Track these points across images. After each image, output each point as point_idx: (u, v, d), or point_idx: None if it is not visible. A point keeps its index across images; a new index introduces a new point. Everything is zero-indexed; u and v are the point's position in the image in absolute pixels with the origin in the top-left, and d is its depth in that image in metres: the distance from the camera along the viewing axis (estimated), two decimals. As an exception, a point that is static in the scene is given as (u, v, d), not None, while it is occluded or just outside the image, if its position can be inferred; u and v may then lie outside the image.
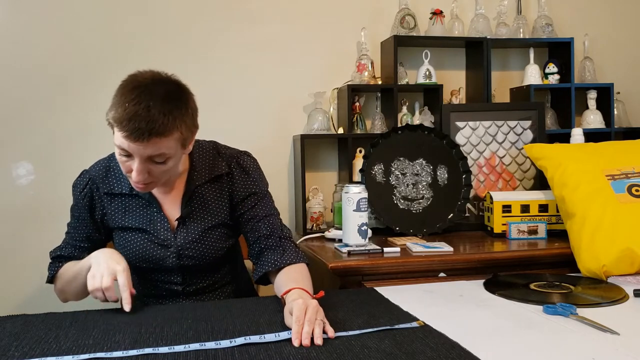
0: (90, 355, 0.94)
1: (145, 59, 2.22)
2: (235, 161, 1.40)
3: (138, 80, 1.20)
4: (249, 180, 1.39)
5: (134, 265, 1.36)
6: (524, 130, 2.21)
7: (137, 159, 1.19)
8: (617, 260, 1.49)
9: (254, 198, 1.38)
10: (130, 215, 1.36)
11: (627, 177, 1.66)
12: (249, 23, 2.30)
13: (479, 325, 1.08)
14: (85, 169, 1.43)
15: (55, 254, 1.41)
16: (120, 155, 1.21)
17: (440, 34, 2.36)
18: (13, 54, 2.12)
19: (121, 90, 1.19)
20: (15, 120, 2.12)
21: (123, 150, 1.19)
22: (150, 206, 1.36)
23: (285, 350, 0.95)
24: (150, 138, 1.15)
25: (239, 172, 1.39)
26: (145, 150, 1.17)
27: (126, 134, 1.15)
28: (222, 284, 1.45)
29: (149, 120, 1.14)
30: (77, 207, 1.40)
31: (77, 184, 1.41)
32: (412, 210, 2.06)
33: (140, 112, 1.14)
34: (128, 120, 1.14)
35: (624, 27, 2.67)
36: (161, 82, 1.21)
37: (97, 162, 1.43)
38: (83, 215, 1.39)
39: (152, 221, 1.35)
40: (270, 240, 1.34)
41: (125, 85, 1.20)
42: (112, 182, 1.38)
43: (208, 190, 1.37)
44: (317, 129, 2.24)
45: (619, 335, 1.01)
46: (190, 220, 1.36)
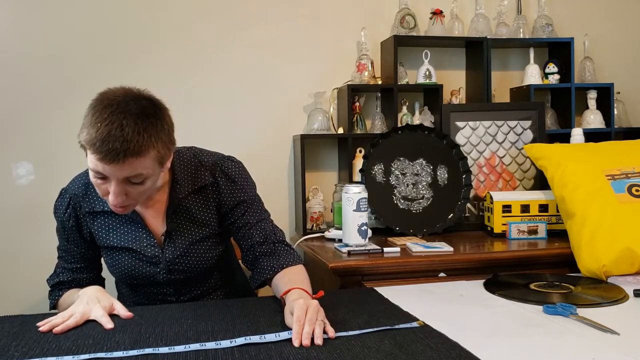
0: (91, 356, 0.94)
1: (145, 60, 2.22)
2: (219, 169, 1.34)
3: (109, 97, 1.13)
4: (236, 188, 1.34)
5: (126, 281, 1.37)
6: (524, 130, 2.21)
7: (113, 182, 1.13)
8: (617, 260, 1.49)
9: (244, 206, 1.34)
10: (115, 233, 1.32)
11: (627, 177, 1.66)
12: (250, 23, 2.30)
13: (479, 325, 1.08)
14: (64, 187, 1.37)
15: (54, 281, 1.38)
16: (95, 178, 1.15)
17: (440, 34, 2.36)
18: (13, 53, 2.12)
19: (92, 110, 1.13)
20: (15, 120, 2.12)
21: (98, 173, 1.13)
22: (134, 222, 1.31)
23: (285, 350, 0.95)
24: (126, 159, 1.09)
25: (225, 180, 1.34)
26: (121, 172, 1.11)
27: (100, 156, 1.09)
28: (215, 288, 1.44)
29: (123, 140, 1.07)
30: (64, 230, 1.35)
31: (59, 206, 1.35)
32: (412, 210, 2.06)
33: (114, 132, 1.08)
34: (102, 142, 1.08)
35: (624, 27, 2.67)
36: (134, 99, 1.14)
37: (74, 178, 1.37)
38: (72, 237, 1.35)
39: (137, 238, 1.31)
40: (264, 246, 1.31)
41: (95, 104, 1.13)
42: (92, 200, 1.32)
43: (192, 201, 1.32)
44: (317, 129, 2.24)
45: (619, 335, 1.01)
46: (177, 234, 1.32)
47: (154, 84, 2.26)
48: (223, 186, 1.33)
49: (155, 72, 2.22)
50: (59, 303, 1.36)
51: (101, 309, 1.14)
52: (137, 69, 2.21)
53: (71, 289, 1.36)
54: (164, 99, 2.41)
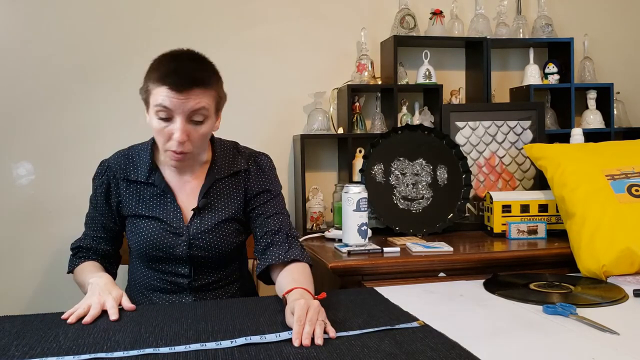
0: (91, 356, 0.94)
1: (145, 60, 2.21)
2: (254, 160, 1.44)
3: (170, 51, 1.30)
4: (264, 177, 1.43)
5: (144, 253, 1.37)
6: (523, 130, 2.21)
7: (178, 118, 1.23)
8: (617, 260, 1.49)
9: (267, 195, 1.41)
10: (144, 203, 1.38)
11: (627, 177, 1.66)
12: (250, 23, 2.30)
13: (479, 325, 1.09)
14: (105, 158, 1.45)
15: (75, 245, 1.44)
16: (159, 120, 1.24)
17: (440, 34, 2.36)
18: (13, 53, 2.12)
19: (156, 60, 1.28)
20: (16, 120, 2.12)
21: (164, 109, 1.22)
22: (165, 195, 1.38)
23: (285, 350, 0.95)
24: (192, 88, 1.21)
25: (256, 169, 1.43)
26: (187, 104, 1.22)
27: (169, 86, 1.20)
28: (227, 282, 1.45)
29: (191, 70, 1.23)
30: (95, 196, 1.42)
31: (97, 174, 1.44)
32: (412, 210, 2.06)
33: (181, 66, 1.23)
34: (171, 73, 1.21)
35: (624, 27, 2.67)
36: (191, 51, 1.32)
37: (115, 152, 1.46)
38: (100, 204, 1.41)
39: (165, 210, 1.37)
40: (277, 236, 1.36)
41: (158, 57, 1.29)
42: (129, 169, 1.40)
43: (226, 184, 1.41)
44: (317, 129, 2.24)
45: (618, 335, 1.01)
46: (205, 212, 1.38)
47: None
48: (253, 174, 1.42)
49: (155, 72, 2.22)
50: (75, 271, 1.41)
51: (112, 300, 1.18)
52: (137, 69, 2.19)
53: (87, 262, 1.40)
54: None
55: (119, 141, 2.19)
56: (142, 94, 1.30)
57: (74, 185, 2.16)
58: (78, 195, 2.16)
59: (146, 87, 1.28)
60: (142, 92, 1.30)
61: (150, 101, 1.26)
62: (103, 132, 2.19)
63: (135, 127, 2.20)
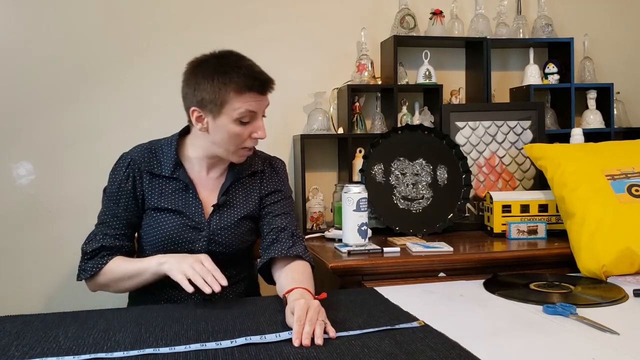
0: (91, 356, 0.94)
1: (145, 60, 2.22)
2: (269, 162, 1.50)
3: (215, 53, 1.36)
4: (277, 178, 1.48)
5: (161, 247, 1.37)
6: (523, 130, 2.21)
7: (259, 117, 1.32)
8: (617, 260, 1.49)
9: (278, 195, 1.46)
10: (167, 197, 1.39)
11: (627, 177, 1.66)
12: (249, 23, 2.30)
13: (479, 325, 1.09)
14: (124, 152, 1.44)
15: (93, 246, 1.37)
16: (241, 125, 1.30)
17: (440, 34, 2.36)
18: (13, 53, 2.12)
19: (219, 69, 1.29)
20: (16, 120, 2.12)
21: (249, 114, 1.29)
22: (187, 190, 1.39)
23: (285, 350, 0.95)
24: (272, 87, 1.32)
25: (270, 171, 1.49)
26: (265, 102, 1.33)
27: (257, 92, 1.28)
28: (236, 281, 1.46)
29: (261, 71, 1.31)
30: (119, 191, 1.39)
31: (118, 167, 1.41)
32: (412, 210, 2.06)
33: (253, 69, 1.29)
34: (253, 79, 1.28)
35: (624, 27, 2.67)
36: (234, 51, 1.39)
37: (136, 146, 1.45)
38: (124, 199, 1.39)
39: (187, 205, 1.39)
40: (282, 233, 1.39)
41: (217, 66, 1.30)
42: (153, 162, 1.40)
43: (244, 184, 1.45)
44: (317, 129, 2.24)
45: (618, 335, 1.01)
46: (225, 209, 1.41)
47: (154, 84, 2.28)
48: (267, 174, 1.48)
49: (155, 72, 2.22)
50: (105, 271, 1.35)
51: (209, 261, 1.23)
52: (137, 69, 2.21)
53: (118, 257, 1.36)
54: (165, 98, 2.42)
55: (119, 141, 2.19)
56: (208, 100, 1.28)
57: (74, 185, 2.17)
58: (78, 195, 2.17)
59: (220, 95, 1.27)
60: (210, 99, 1.28)
61: (226, 108, 1.28)
62: (103, 132, 2.19)
63: (135, 127, 2.21)
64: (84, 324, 1.12)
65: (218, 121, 1.30)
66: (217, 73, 1.28)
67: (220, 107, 1.28)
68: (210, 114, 1.30)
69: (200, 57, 1.35)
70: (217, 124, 1.31)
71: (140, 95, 2.21)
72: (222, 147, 1.35)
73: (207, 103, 1.29)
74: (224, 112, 1.29)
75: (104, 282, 1.36)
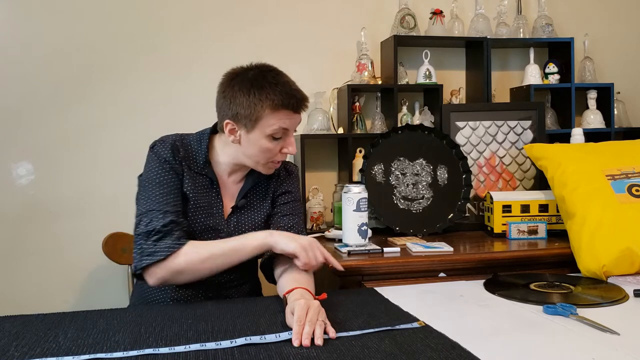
0: (91, 356, 0.94)
1: (145, 60, 2.22)
2: (284, 166, 1.51)
3: (252, 67, 1.34)
4: (290, 180, 1.50)
5: None
6: (524, 130, 2.21)
7: (291, 134, 1.34)
8: (617, 260, 1.49)
9: (288, 196, 1.48)
10: (194, 190, 1.37)
11: (627, 177, 1.66)
12: (250, 23, 2.30)
13: (479, 325, 1.08)
14: (160, 137, 1.39)
15: (163, 221, 1.26)
16: (272, 142, 1.31)
17: (440, 33, 2.36)
18: (13, 53, 2.12)
19: (250, 81, 1.28)
20: (16, 120, 2.12)
21: (281, 130, 1.30)
22: (212, 188, 1.40)
23: (285, 351, 0.95)
24: (306, 105, 1.33)
25: (285, 174, 1.51)
26: (297, 120, 1.34)
27: (292, 110, 1.29)
28: (242, 282, 1.47)
29: (296, 89, 1.32)
30: (168, 170, 1.33)
31: (162, 148, 1.35)
32: (412, 210, 2.06)
33: (289, 87, 1.30)
34: (290, 97, 1.28)
35: (624, 27, 2.67)
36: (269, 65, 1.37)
37: (166, 135, 1.40)
38: (174, 177, 1.33)
39: (210, 202, 1.39)
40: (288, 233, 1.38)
41: (248, 75, 1.30)
42: (188, 153, 1.38)
43: (261, 187, 1.47)
44: (317, 129, 2.24)
45: (619, 335, 1.01)
46: (242, 211, 1.43)
47: (154, 84, 2.28)
48: (282, 177, 1.50)
49: (155, 72, 2.22)
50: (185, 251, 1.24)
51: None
52: (137, 69, 2.21)
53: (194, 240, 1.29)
54: (165, 99, 2.42)
55: (119, 141, 2.20)
56: (243, 115, 1.28)
57: (74, 185, 2.17)
58: (78, 195, 2.17)
59: (256, 110, 1.27)
60: (245, 114, 1.28)
61: (261, 124, 1.29)
62: (103, 132, 2.19)
63: (135, 127, 2.21)
64: (83, 324, 1.12)
65: (251, 135, 1.31)
66: (254, 88, 1.27)
67: (255, 123, 1.29)
68: (244, 128, 1.31)
69: (238, 70, 1.33)
70: (250, 137, 1.31)
71: (141, 95, 2.21)
72: (251, 159, 1.36)
73: (241, 117, 1.29)
74: (257, 127, 1.29)
75: (182, 264, 1.24)
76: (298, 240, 1.25)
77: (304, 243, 1.24)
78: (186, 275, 1.26)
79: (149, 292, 1.41)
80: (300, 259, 1.24)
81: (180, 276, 1.26)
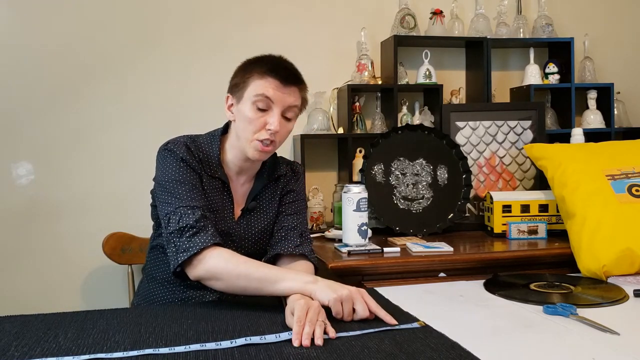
0: (91, 356, 0.94)
1: (145, 60, 2.22)
2: (291, 166, 1.51)
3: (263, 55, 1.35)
4: (295, 179, 1.50)
5: None
6: (524, 130, 2.21)
7: (276, 110, 1.28)
8: (617, 260, 1.49)
9: (293, 195, 1.47)
10: (209, 192, 1.35)
11: (627, 177, 1.66)
12: (249, 23, 2.30)
13: (479, 325, 1.08)
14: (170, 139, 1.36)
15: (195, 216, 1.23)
16: (256, 110, 1.28)
17: (440, 34, 2.36)
18: (14, 53, 2.12)
19: (254, 58, 1.34)
20: (16, 120, 2.12)
21: (264, 100, 1.27)
22: (224, 190, 1.39)
23: (285, 351, 0.95)
24: (295, 85, 1.30)
25: (291, 174, 1.50)
26: (287, 98, 1.29)
27: (278, 79, 1.27)
28: None
29: (294, 69, 1.31)
30: (187, 168, 1.30)
31: (177, 148, 1.32)
32: (412, 210, 2.06)
33: (286, 64, 1.31)
34: (280, 68, 1.28)
35: (624, 27, 2.67)
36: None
37: (181, 137, 1.37)
38: (193, 175, 1.30)
39: (222, 205, 1.38)
40: (291, 232, 1.40)
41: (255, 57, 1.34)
42: (200, 155, 1.35)
43: (270, 189, 1.46)
44: (317, 129, 2.24)
45: (619, 335, 1.01)
46: (252, 213, 1.42)
47: (155, 84, 2.28)
48: (288, 177, 1.49)
49: (156, 72, 2.22)
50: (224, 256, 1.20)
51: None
52: (137, 69, 2.21)
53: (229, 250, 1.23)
54: (165, 98, 2.42)
55: (120, 141, 2.20)
56: (236, 85, 1.32)
57: (74, 185, 2.17)
58: (78, 195, 2.17)
59: (245, 78, 1.30)
60: (238, 83, 1.31)
61: (248, 91, 1.29)
62: (103, 132, 2.19)
63: (136, 126, 2.21)
64: (83, 324, 1.12)
65: (240, 105, 1.31)
66: (250, 60, 1.34)
67: (243, 90, 1.30)
68: (236, 100, 1.32)
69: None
70: (239, 108, 1.31)
71: (142, 94, 2.21)
72: (242, 138, 1.32)
73: (234, 88, 1.33)
74: (245, 95, 1.29)
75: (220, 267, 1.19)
76: (338, 291, 1.12)
77: (342, 295, 1.11)
78: (221, 282, 1.20)
79: (155, 292, 1.40)
80: (332, 309, 1.10)
81: (215, 282, 1.21)
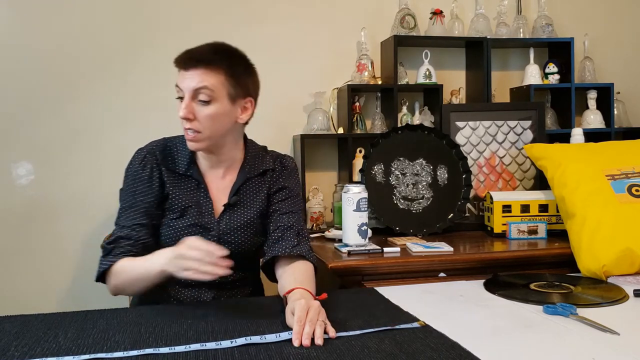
0: (91, 356, 0.94)
1: (145, 59, 2.22)
2: (279, 160, 1.49)
3: None
4: (286, 174, 1.47)
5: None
6: (524, 130, 2.21)
7: (186, 95, 1.28)
8: (617, 260, 1.49)
9: (286, 192, 1.44)
10: (180, 193, 1.37)
11: (627, 177, 1.66)
12: (249, 23, 2.30)
13: (479, 325, 1.08)
14: (140, 147, 1.43)
15: (110, 240, 1.32)
16: (179, 100, 1.30)
17: (440, 34, 2.36)
18: (13, 53, 2.12)
19: None
20: (16, 120, 2.12)
21: (178, 90, 1.30)
22: (199, 188, 1.39)
23: (285, 351, 0.95)
24: (196, 67, 1.27)
25: (280, 168, 1.47)
26: (190, 83, 1.27)
27: (180, 67, 1.29)
28: (245, 283, 1.46)
29: (198, 52, 1.31)
30: (134, 181, 1.37)
31: (134, 160, 1.40)
32: (412, 210, 2.06)
33: (194, 49, 1.32)
34: (182, 54, 1.30)
35: (624, 27, 2.67)
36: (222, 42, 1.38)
37: (151, 142, 1.44)
38: (141, 187, 1.36)
39: (198, 203, 1.38)
40: (288, 232, 1.38)
41: None
42: (168, 158, 1.40)
43: (255, 183, 1.44)
44: (317, 129, 2.24)
45: (619, 335, 1.01)
46: (235, 209, 1.40)
47: (154, 84, 2.28)
48: (277, 172, 1.47)
49: (155, 72, 2.22)
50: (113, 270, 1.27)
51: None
52: (137, 69, 2.21)
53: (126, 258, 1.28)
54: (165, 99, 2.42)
55: (120, 141, 2.20)
56: None
57: (74, 185, 2.17)
58: (78, 195, 2.17)
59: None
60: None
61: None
62: (103, 131, 2.19)
63: (136, 126, 2.21)
64: (83, 324, 1.12)
65: None
66: None
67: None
68: None
69: None
70: None
71: (141, 93, 2.21)
72: None
73: None
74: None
75: (117, 283, 1.28)
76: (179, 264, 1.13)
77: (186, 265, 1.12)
78: (129, 291, 1.33)
79: (150, 292, 1.40)
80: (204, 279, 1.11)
81: (124, 292, 1.32)
